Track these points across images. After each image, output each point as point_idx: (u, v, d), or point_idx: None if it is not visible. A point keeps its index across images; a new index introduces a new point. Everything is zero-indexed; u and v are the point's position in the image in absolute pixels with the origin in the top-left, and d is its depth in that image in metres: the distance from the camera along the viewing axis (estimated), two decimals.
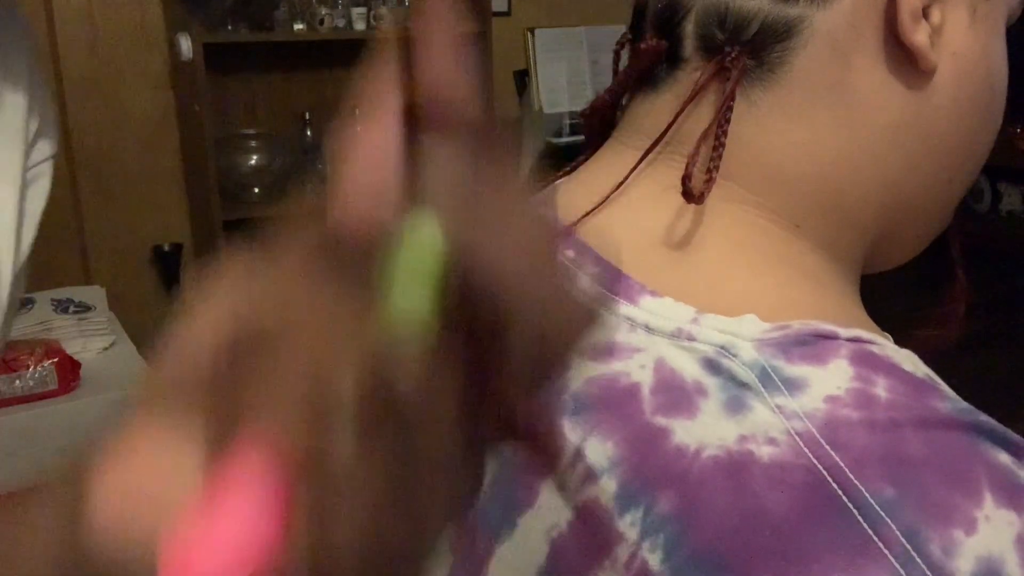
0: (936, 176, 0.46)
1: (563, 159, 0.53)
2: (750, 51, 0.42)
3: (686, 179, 0.41)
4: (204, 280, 0.24)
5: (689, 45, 0.44)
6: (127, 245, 2.62)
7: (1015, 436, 0.36)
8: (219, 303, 0.23)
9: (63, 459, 0.25)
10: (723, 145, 0.41)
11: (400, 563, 0.22)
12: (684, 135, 0.43)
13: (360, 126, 0.23)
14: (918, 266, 0.53)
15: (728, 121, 0.41)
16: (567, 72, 3.12)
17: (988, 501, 0.33)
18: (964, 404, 0.37)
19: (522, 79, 3.12)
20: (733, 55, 0.42)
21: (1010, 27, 0.48)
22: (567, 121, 2.92)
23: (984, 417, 0.36)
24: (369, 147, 0.23)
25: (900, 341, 0.40)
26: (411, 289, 0.22)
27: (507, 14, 3.07)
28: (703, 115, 0.43)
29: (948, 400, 0.36)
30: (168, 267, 2.61)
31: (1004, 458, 0.35)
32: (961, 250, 0.52)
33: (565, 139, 2.80)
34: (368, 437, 0.21)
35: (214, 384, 0.22)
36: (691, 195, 0.41)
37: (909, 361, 0.38)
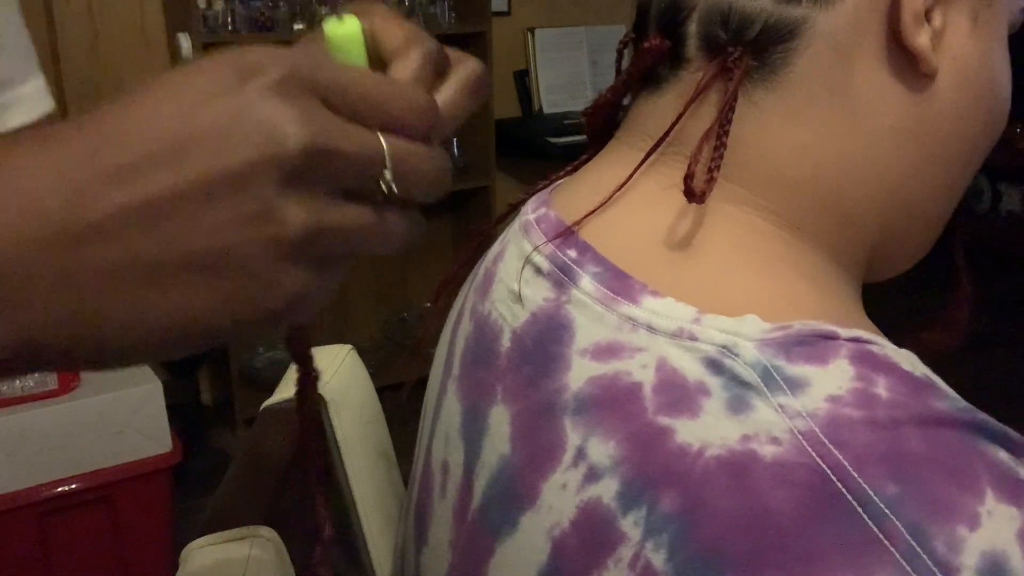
0: (936, 180, 0.46)
1: (564, 159, 0.53)
2: (753, 51, 0.42)
3: (688, 179, 0.41)
4: None
5: (692, 45, 0.44)
6: None
7: (1014, 434, 0.37)
8: None
9: None
10: (724, 145, 0.41)
11: None
12: (687, 135, 0.43)
13: None
14: (919, 268, 0.53)
15: (730, 121, 0.41)
16: (567, 72, 3.12)
17: (989, 496, 0.33)
18: (963, 403, 0.37)
19: (522, 79, 3.12)
20: (736, 55, 0.42)
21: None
22: (567, 121, 2.92)
23: (983, 415, 0.37)
24: None
25: (903, 343, 0.40)
26: None
27: (507, 14, 3.06)
28: (705, 115, 0.43)
29: (947, 399, 0.37)
30: None
31: (1003, 455, 0.35)
32: (964, 255, 0.52)
33: (565, 139, 2.80)
34: None
35: None
36: (693, 194, 0.41)
37: (908, 361, 0.38)
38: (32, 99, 0.83)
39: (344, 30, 0.33)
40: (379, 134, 0.30)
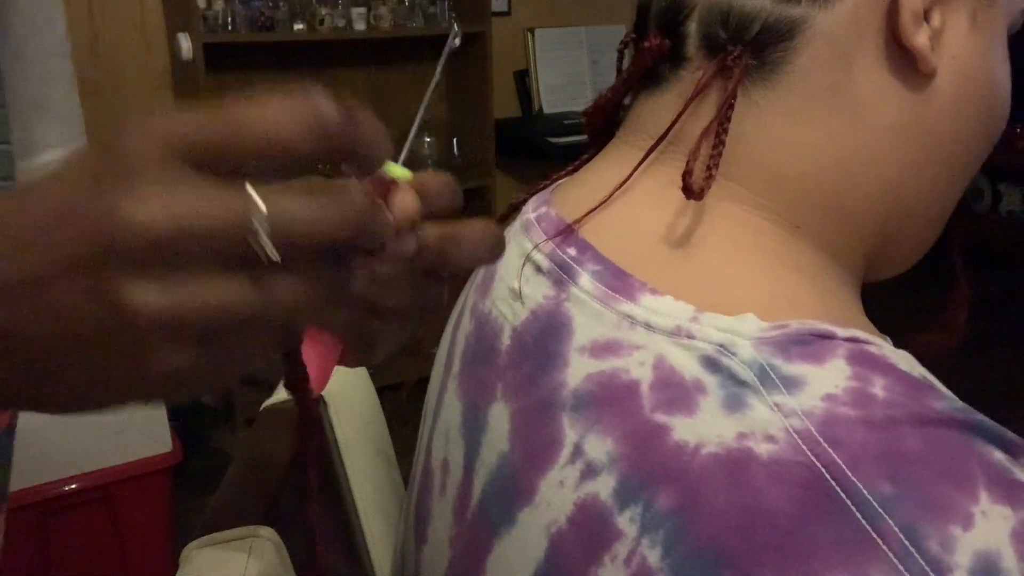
0: (935, 179, 0.47)
1: (564, 159, 0.53)
2: (752, 50, 0.42)
3: (686, 175, 0.41)
4: None
5: (692, 44, 0.44)
6: None
7: (1010, 434, 0.37)
8: None
9: None
10: (723, 143, 0.42)
11: None
12: (687, 134, 0.44)
13: None
14: (919, 267, 0.53)
15: (729, 119, 0.42)
16: (567, 72, 3.12)
17: (984, 497, 0.33)
18: (960, 403, 0.37)
19: (522, 79, 3.12)
20: (735, 54, 0.42)
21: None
22: (567, 121, 2.92)
23: (979, 416, 0.37)
24: None
25: (901, 344, 0.40)
26: None
27: (507, 14, 3.07)
28: (705, 114, 0.43)
29: (944, 399, 0.37)
30: None
31: (999, 455, 0.35)
32: (963, 256, 0.52)
33: (565, 139, 2.80)
34: None
35: None
36: (691, 191, 0.41)
37: (905, 361, 0.38)
38: None
39: (397, 173, 0.34)
40: (258, 194, 0.27)
